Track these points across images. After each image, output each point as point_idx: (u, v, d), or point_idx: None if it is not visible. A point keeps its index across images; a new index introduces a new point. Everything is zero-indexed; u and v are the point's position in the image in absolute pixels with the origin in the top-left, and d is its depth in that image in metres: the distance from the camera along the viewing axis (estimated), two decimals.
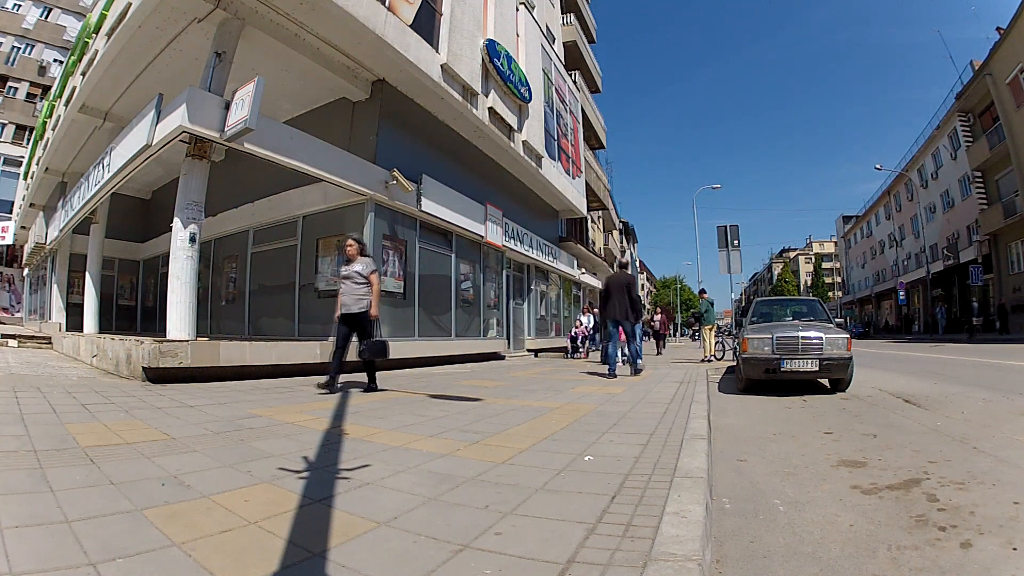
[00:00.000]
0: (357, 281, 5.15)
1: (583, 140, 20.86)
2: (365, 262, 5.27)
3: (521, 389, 5.90)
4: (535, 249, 15.50)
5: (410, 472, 2.36)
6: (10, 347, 10.66)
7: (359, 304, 5.10)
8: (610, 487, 2.13)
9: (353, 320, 5.13)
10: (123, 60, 8.19)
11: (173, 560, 1.42)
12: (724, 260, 12.36)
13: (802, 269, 76.70)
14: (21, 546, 1.45)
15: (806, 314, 7.41)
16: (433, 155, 10.49)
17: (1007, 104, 21.26)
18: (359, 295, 5.12)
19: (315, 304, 9.11)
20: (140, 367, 5.52)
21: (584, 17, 23.45)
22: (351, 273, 5.17)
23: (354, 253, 5.30)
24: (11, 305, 25.94)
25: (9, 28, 26.31)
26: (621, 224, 38.93)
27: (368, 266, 5.24)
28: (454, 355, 10.59)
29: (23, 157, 21.67)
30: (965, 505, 2.19)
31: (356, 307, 5.10)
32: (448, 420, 3.74)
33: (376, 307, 5.17)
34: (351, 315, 5.11)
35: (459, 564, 1.44)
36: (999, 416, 4.20)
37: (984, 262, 23.92)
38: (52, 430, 2.93)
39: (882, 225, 40.44)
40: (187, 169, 6.45)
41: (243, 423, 3.42)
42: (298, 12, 7.25)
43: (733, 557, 1.81)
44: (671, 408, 4.30)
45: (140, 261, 15.28)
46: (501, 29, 12.06)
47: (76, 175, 12.01)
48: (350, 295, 5.12)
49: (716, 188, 27.25)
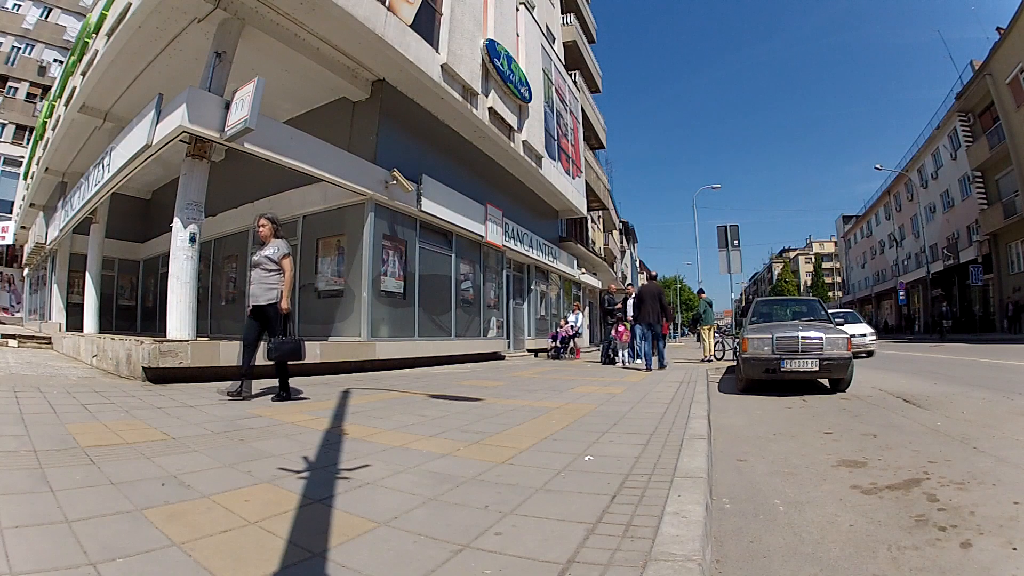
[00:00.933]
0: (266, 268, 4.42)
1: (583, 140, 20.86)
2: (277, 245, 4.51)
3: (521, 389, 5.90)
4: (535, 249, 15.50)
5: (410, 472, 2.36)
6: (10, 347, 10.66)
7: (267, 295, 4.38)
8: (610, 487, 2.13)
9: (261, 315, 4.41)
10: (123, 60, 8.19)
11: (173, 560, 1.42)
12: (724, 260, 12.37)
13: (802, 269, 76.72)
14: (21, 546, 1.45)
15: (806, 314, 7.42)
16: (433, 155, 10.49)
17: (1007, 104, 21.26)
18: (268, 284, 4.40)
19: (315, 304, 9.11)
20: (140, 367, 5.52)
21: (584, 17, 23.45)
22: (260, 259, 4.45)
23: (267, 234, 4.55)
24: (11, 305, 25.95)
25: (9, 28, 26.32)
26: (621, 224, 38.90)
27: (279, 249, 4.47)
28: (454, 355, 10.58)
29: (23, 157, 21.68)
30: (965, 505, 2.19)
31: (263, 298, 4.38)
32: (448, 420, 3.74)
33: (287, 299, 4.40)
34: (259, 308, 4.40)
35: (459, 564, 1.44)
36: (999, 416, 4.20)
37: (984, 262, 23.95)
38: (52, 430, 2.93)
39: (882, 225, 40.47)
40: (187, 169, 6.45)
41: (243, 423, 3.42)
42: (298, 12, 7.25)
43: (733, 557, 1.81)
44: (671, 408, 4.30)
45: (140, 261, 15.28)
46: (501, 29, 12.06)
47: (76, 175, 12.02)
48: (258, 284, 4.42)
49: (716, 188, 27.29)
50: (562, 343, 13.32)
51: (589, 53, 23.39)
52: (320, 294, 9.07)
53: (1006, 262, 23.01)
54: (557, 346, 13.35)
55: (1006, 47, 21.08)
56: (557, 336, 13.50)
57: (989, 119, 23.28)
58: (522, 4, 13.84)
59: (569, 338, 13.40)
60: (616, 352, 10.56)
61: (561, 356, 13.16)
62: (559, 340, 13.36)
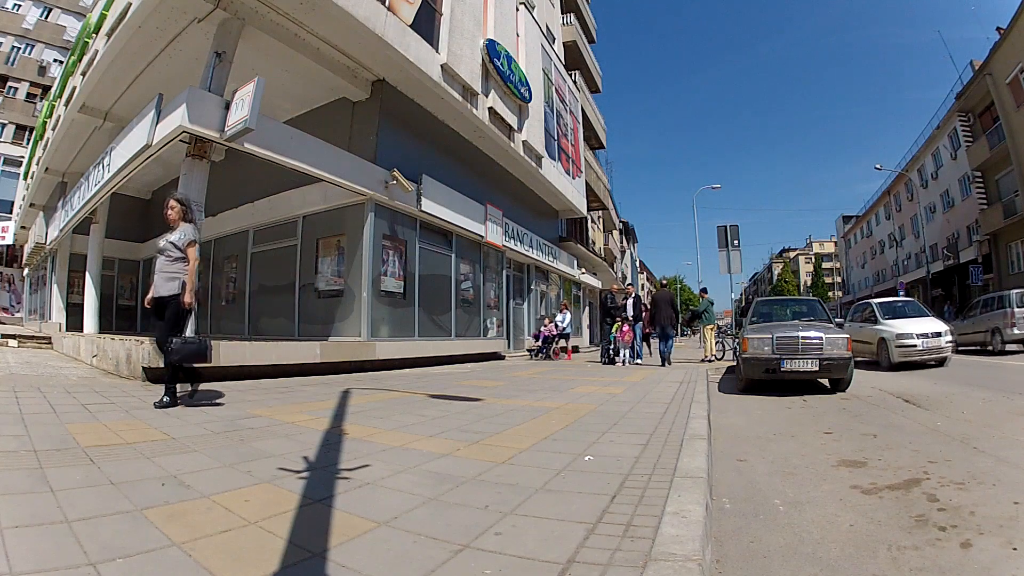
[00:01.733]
0: (170, 255, 3.90)
1: (583, 140, 20.86)
2: (184, 229, 3.98)
3: (521, 389, 5.90)
4: (535, 249, 15.50)
5: (410, 472, 2.36)
6: (10, 347, 10.66)
7: (168, 286, 3.85)
8: (610, 487, 2.13)
9: (162, 308, 3.90)
10: (123, 60, 8.20)
11: (173, 560, 1.42)
12: (724, 260, 12.36)
13: (802, 269, 76.70)
14: (21, 546, 1.45)
15: (806, 314, 7.43)
16: (433, 155, 10.50)
17: (1007, 104, 21.26)
18: (170, 273, 3.87)
19: (315, 304, 9.11)
20: (140, 367, 5.52)
21: (584, 17, 23.45)
22: (165, 244, 3.93)
23: (175, 218, 4.03)
24: (11, 305, 25.95)
25: (9, 28, 26.33)
26: (621, 224, 38.91)
27: (186, 235, 3.94)
28: (454, 355, 10.59)
29: (23, 157, 21.69)
30: (965, 505, 2.19)
31: (164, 289, 3.85)
32: (448, 420, 3.74)
33: (191, 292, 3.86)
34: (160, 301, 3.89)
35: (459, 564, 1.44)
36: (999, 416, 4.20)
37: (984, 262, 23.94)
38: (52, 430, 2.93)
39: (882, 225, 40.47)
40: (187, 169, 6.45)
41: (243, 423, 3.42)
42: (298, 12, 7.25)
43: (733, 557, 1.81)
44: (671, 408, 4.30)
45: (140, 261, 15.28)
46: (501, 29, 12.06)
47: (76, 175, 12.02)
48: (160, 274, 3.89)
49: (716, 188, 27.34)
50: (545, 343, 12.58)
51: (589, 53, 23.39)
52: (320, 294, 9.07)
53: (1006, 262, 23.01)
54: (540, 346, 12.59)
55: (1006, 47, 21.08)
56: (540, 336, 12.77)
57: (989, 119, 23.27)
58: (522, 4, 13.85)
59: (553, 338, 12.67)
60: (617, 352, 10.55)
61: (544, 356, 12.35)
62: (542, 340, 12.64)
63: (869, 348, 9.32)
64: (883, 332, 8.96)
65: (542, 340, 12.64)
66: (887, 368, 8.63)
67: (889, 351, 8.62)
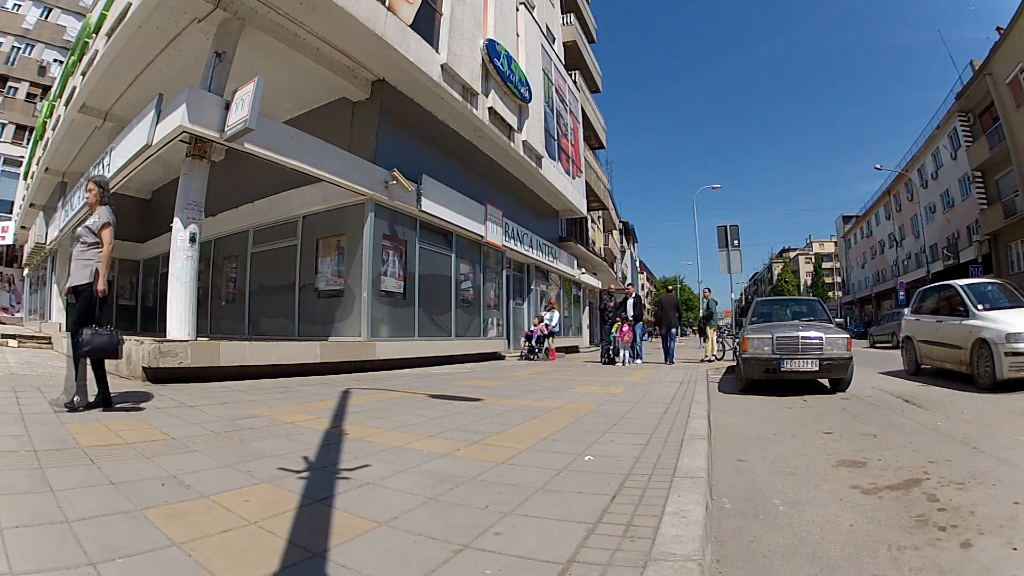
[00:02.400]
0: (86, 240, 3.64)
1: (583, 140, 20.85)
2: (99, 212, 3.72)
3: (521, 389, 5.90)
4: (535, 249, 15.50)
5: (410, 472, 2.36)
6: (10, 347, 10.66)
7: (81, 274, 3.58)
8: (610, 487, 2.13)
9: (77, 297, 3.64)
10: (123, 60, 8.20)
11: (173, 560, 1.42)
12: (724, 260, 12.36)
13: (802, 269, 76.66)
14: (21, 546, 1.45)
15: (806, 314, 7.42)
16: (433, 155, 10.50)
17: (1007, 104, 21.25)
18: (84, 260, 3.60)
19: (315, 304, 9.11)
20: (140, 367, 5.52)
21: (584, 17, 23.44)
22: (81, 230, 3.67)
23: (92, 201, 3.79)
24: (11, 305, 25.94)
25: (9, 28, 26.31)
26: (621, 224, 38.89)
27: (100, 218, 3.67)
28: (454, 355, 10.58)
29: (23, 157, 21.68)
30: (965, 505, 2.19)
31: (77, 277, 3.58)
32: (448, 420, 3.74)
33: (104, 279, 3.56)
34: (75, 290, 3.62)
35: (459, 564, 1.44)
36: (999, 416, 4.20)
37: (984, 262, 23.93)
38: (52, 430, 2.93)
39: (882, 225, 40.46)
40: (187, 169, 6.45)
41: (243, 423, 3.42)
42: (298, 12, 7.25)
43: (733, 557, 1.81)
44: (671, 408, 4.30)
45: (140, 261, 15.27)
46: (501, 29, 12.06)
47: (76, 175, 12.03)
48: (75, 260, 3.64)
49: (716, 188, 27.31)
50: (537, 343, 12.19)
51: (589, 53, 23.39)
52: (320, 294, 9.07)
53: (1006, 262, 23.00)
54: (532, 346, 12.17)
55: (1006, 47, 21.07)
56: (532, 336, 12.33)
57: (989, 119, 23.27)
58: (522, 4, 13.84)
59: (544, 337, 12.30)
60: (617, 352, 10.56)
61: (536, 356, 11.99)
62: (534, 339, 12.21)
63: (956, 356, 6.24)
64: (984, 330, 5.66)
65: (534, 340, 12.33)
66: (988, 387, 5.49)
67: (996, 360, 5.37)
